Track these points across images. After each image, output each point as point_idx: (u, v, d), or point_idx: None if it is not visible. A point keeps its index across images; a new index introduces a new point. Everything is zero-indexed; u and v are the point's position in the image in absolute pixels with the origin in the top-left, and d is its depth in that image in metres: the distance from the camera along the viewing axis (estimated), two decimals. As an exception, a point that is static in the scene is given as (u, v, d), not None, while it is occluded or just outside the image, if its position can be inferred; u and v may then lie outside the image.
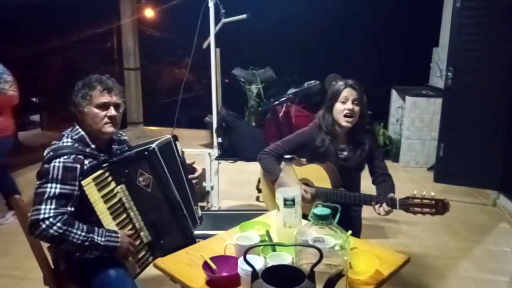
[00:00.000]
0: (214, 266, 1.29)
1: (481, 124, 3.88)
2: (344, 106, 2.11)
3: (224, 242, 1.51)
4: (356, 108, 2.12)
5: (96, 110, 1.68)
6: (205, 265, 1.29)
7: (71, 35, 5.84)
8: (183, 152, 1.97)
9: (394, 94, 5.66)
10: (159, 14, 6.55)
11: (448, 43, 4.03)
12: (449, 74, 3.93)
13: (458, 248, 3.07)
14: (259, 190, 4.01)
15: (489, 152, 3.87)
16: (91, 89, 1.69)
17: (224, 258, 1.35)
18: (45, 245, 1.74)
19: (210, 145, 5.53)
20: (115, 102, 1.72)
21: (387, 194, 1.98)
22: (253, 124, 5.32)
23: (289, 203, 1.45)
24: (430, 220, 3.50)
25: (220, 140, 3.50)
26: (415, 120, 4.97)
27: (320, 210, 1.19)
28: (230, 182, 4.33)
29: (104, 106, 1.70)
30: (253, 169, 4.62)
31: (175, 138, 1.93)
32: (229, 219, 3.20)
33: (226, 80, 5.44)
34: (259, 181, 4.04)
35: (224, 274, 1.28)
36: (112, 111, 1.71)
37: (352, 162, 2.22)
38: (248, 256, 1.19)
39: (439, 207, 1.76)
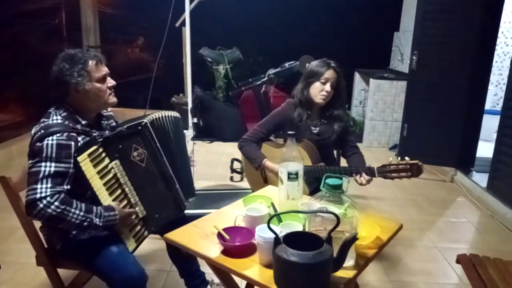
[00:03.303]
0: (227, 237, 1.33)
1: (443, 106, 4.11)
2: (323, 87, 2.22)
3: (227, 216, 1.55)
4: (332, 91, 2.24)
5: (98, 85, 1.65)
6: (219, 236, 1.33)
7: (13, 9, 5.36)
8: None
9: (357, 77, 5.84)
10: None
11: (413, 27, 4.20)
12: (414, 57, 4.12)
13: (423, 221, 3.30)
14: (233, 170, 4.05)
15: (448, 133, 4.12)
16: (85, 65, 1.62)
17: (236, 229, 1.39)
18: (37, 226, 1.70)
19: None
20: (108, 72, 1.71)
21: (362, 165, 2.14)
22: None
23: (293, 176, 1.52)
24: (396, 196, 3.75)
25: (195, 120, 3.49)
26: (378, 102, 5.17)
27: (333, 180, 1.26)
28: (202, 163, 4.33)
29: (104, 79, 1.68)
30: (224, 150, 4.67)
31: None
32: (210, 198, 3.23)
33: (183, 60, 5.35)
34: (232, 162, 4.09)
35: (238, 243, 1.32)
36: (111, 81, 1.71)
37: (327, 135, 2.32)
38: (264, 226, 1.24)
39: (414, 169, 1.90)
